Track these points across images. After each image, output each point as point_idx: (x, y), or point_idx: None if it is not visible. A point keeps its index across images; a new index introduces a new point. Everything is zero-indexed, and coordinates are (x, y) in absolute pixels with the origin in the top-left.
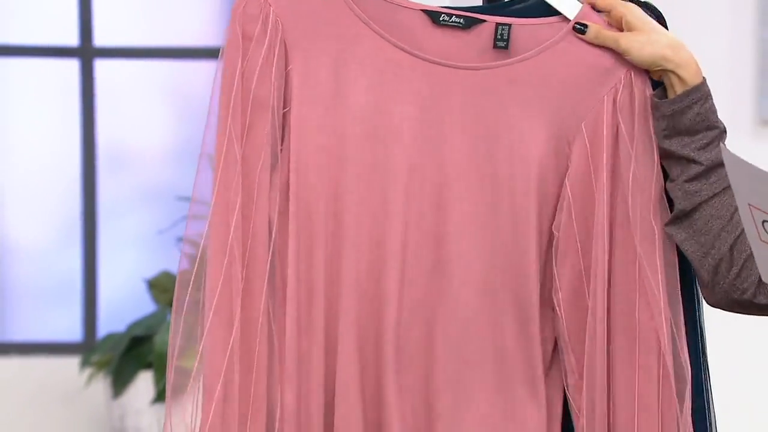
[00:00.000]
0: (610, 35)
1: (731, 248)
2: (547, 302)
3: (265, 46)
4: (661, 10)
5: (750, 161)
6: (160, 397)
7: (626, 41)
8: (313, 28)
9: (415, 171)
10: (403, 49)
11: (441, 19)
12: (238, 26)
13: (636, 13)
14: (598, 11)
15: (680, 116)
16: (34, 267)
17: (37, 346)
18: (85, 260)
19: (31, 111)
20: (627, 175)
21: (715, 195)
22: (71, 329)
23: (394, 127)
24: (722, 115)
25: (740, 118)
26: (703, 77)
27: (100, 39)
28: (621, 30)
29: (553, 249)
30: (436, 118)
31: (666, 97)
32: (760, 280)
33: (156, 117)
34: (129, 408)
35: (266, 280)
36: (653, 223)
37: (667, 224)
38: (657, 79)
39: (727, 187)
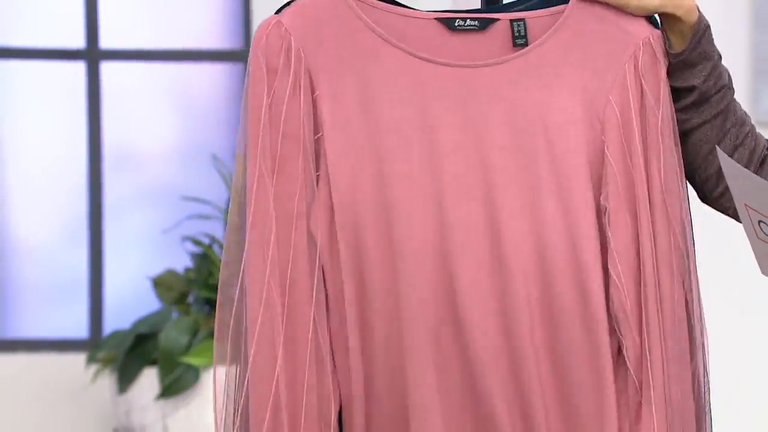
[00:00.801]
0: None
1: (717, 171)
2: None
3: (290, 78)
4: (656, 16)
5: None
6: (164, 393)
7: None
8: (335, 50)
9: (459, 173)
10: (423, 59)
11: (456, 24)
12: (261, 59)
13: None
14: None
15: (684, 60)
16: (40, 265)
17: (44, 343)
18: (91, 259)
19: (38, 112)
20: (657, 138)
21: (705, 122)
22: (77, 326)
23: (430, 135)
24: None
25: None
26: (698, 12)
27: (106, 41)
28: None
29: (606, 221)
30: (469, 120)
31: (668, 41)
32: None
33: (161, 118)
34: (134, 404)
35: (312, 304)
36: (679, 185)
37: None
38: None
39: (717, 114)
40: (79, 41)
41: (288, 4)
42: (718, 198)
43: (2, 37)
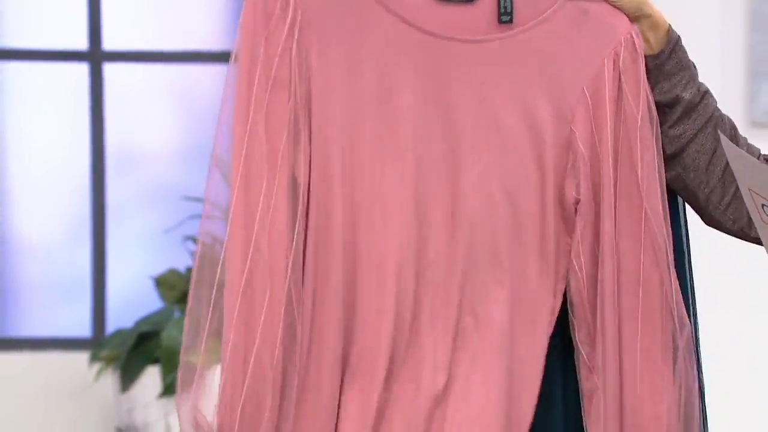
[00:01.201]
0: None
1: (720, 179)
2: (563, 266)
3: (286, 25)
4: None
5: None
6: (167, 391)
7: None
8: (328, 6)
9: (424, 140)
10: (412, 25)
11: None
12: (258, 2)
13: None
14: None
15: (662, 67)
16: (44, 265)
17: (48, 342)
18: (94, 258)
19: (42, 113)
20: (634, 134)
21: (698, 131)
22: (80, 325)
23: (403, 104)
24: None
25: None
26: (668, 23)
27: (108, 43)
28: None
29: (577, 212)
30: (443, 93)
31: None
32: (749, 215)
33: (163, 119)
34: (137, 402)
35: (291, 254)
36: (658, 179)
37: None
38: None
39: (708, 121)
40: (82, 43)
41: None
42: (725, 209)
43: (6, 39)
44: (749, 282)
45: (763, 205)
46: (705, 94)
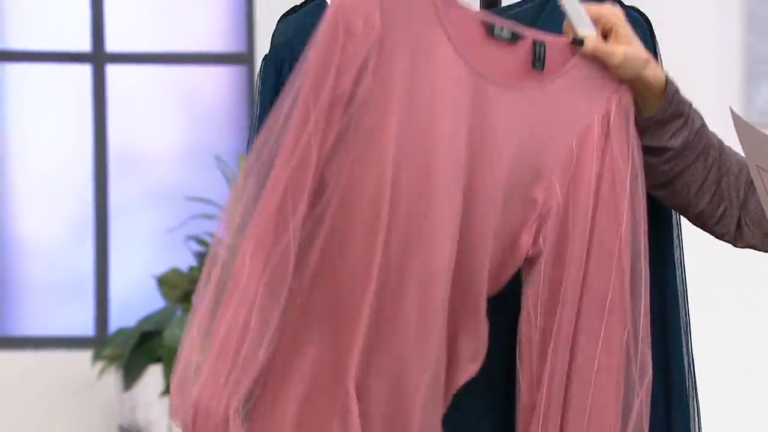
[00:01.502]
0: (606, 49)
1: (709, 203)
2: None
3: (367, 47)
4: (649, 17)
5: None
6: (169, 389)
7: (623, 54)
8: (399, 26)
9: (452, 175)
10: (465, 60)
11: (495, 32)
12: (341, 18)
13: (626, 23)
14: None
15: (654, 120)
16: (48, 264)
17: (51, 341)
18: (97, 258)
19: (45, 114)
20: (621, 190)
21: (688, 165)
22: (84, 324)
23: (444, 140)
24: (711, 118)
25: (728, 121)
26: (665, 76)
27: (111, 45)
28: (604, 37)
29: (537, 263)
30: (480, 134)
31: (636, 105)
32: (737, 227)
33: (165, 120)
34: (139, 400)
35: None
36: (642, 239)
37: (648, 188)
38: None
39: (699, 155)
40: (85, 44)
41: (293, 9)
42: (716, 224)
43: (10, 41)
44: (743, 284)
45: None
46: (698, 130)
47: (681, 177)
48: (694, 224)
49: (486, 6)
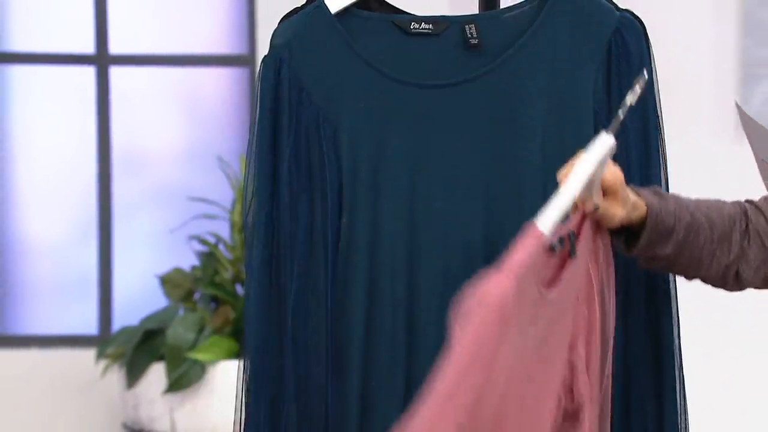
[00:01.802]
0: (609, 214)
1: (707, 269)
2: None
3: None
4: (644, 20)
5: (732, 165)
6: (171, 387)
7: (619, 220)
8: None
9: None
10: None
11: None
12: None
13: (624, 186)
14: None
15: (639, 248)
16: (52, 264)
17: (55, 339)
18: (100, 257)
19: (49, 116)
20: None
21: (682, 252)
22: (87, 323)
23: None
24: (706, 121)
25: (723, 124)
26: (647, 205)
27: (115, 47)
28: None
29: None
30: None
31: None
32: (735, 278)
33: (168, 121)
34: (142, 398)
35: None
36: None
37: (644, 268)
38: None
39: (693, 240)
40: (88, 46)
41: (293, 11)
42: (716, 281)
43: (14, 42)
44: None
45: None
46: (687, 225)
47: (677, 262)
48: (718, 286)
49: (485, 7)
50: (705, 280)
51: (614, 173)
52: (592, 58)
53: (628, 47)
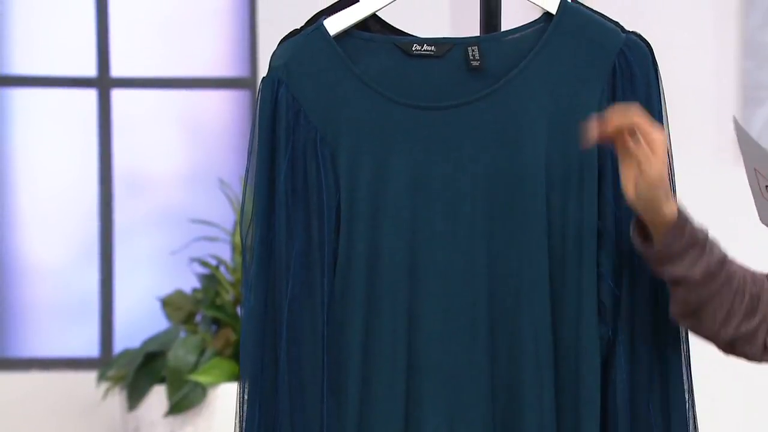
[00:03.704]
0: (650, 156)
1: (736, 330)
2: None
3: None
4: (649, 41)
5: (733, 187)
6: (172, 409)
7: (658, 170)
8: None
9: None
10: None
11: (413, 49)
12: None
13: (664, 143)
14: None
15: (667, 251)
16: (53, 286)
17: (57, 362)
18: (101, 280)
19: (51, 138)
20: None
21: (713, 295)
22: (89, 345)
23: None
24: (708, 142)
25: (724, 145)
26: (677, 210)
27: (116, 70)
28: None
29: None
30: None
31: (643, 229)
32: (764, 346)
33: (169, 143)
34: (143, 420)
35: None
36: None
37: (672, 315)
38: (632, 203)
39: (725, 283)
40: (90, 69)
41: (292, 33)
42: (744, 346)
43: (16, 66)
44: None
45: (766, 186)
46: (721, 259)
47: (707, 307)
48: (724, 351)
49: (486, 29)
50: (735, 345)
51: (659, 134)
52: (596, 79)
53: (633, 69)
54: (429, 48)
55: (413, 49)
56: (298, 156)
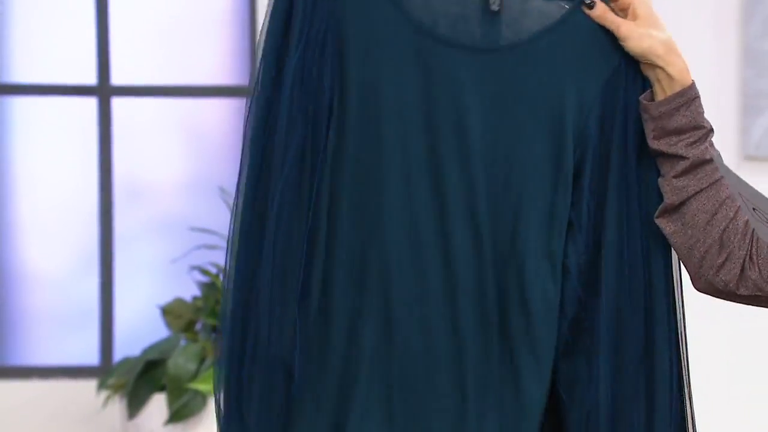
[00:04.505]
0: (613, 18)
1: (716, 240)
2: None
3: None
4: None
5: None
6: (173, 418)
7: (627, 28)
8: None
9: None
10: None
11: None
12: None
13: (645, 2)
14: None
15: (668, 118)
16: (53, 294)
17: (57, 370)
18: (101, 288)
19: (51, 147)
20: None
21: (701, 190)
22: (88, 353)
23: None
24: None
25: (724, 154)
26: (692, 80)
27: (117, 78)
28: (625, 17)
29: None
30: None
31: (653, 96)
32: (741, 273)
33: (170, 152)
34: (143, 428)
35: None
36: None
37: (656, 216)
38: (645, 72)
39: (713, 183)
40: (90, 78)
41: None
42: (718, 271)
43: (16, 74)
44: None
45: (753, 208)
46: (714, 159)
47: (692, 201)
48: (695, 278)
49: None
50: (707, 268)
51: None
52: (606, 68)
53: (635, 69)
54: None
55: None
56: (310, 49)
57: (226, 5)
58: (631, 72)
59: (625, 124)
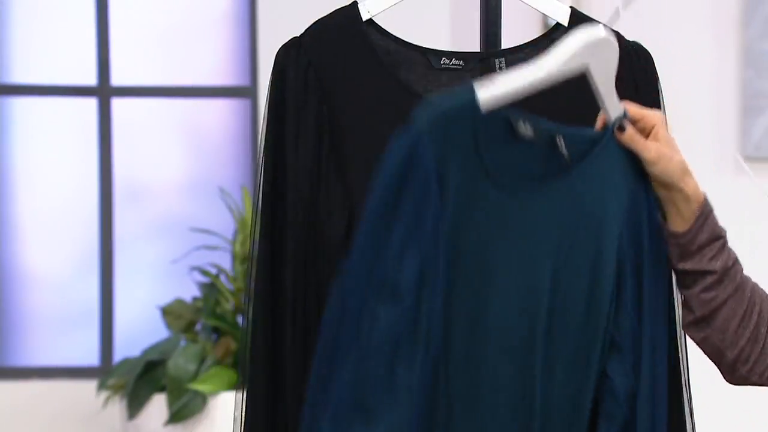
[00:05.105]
0: (643, 141)
1: (748, 339)
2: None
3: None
4: (649, 50)
5: (733, 197)
6: (173, 418)
7: (657, 152)
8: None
9: None
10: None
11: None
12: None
13: (665, 126)
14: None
15: (693, 241)
16: (53, 295)
17: (57, 371)
18: (102, 289)
19: (51, 147)
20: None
21: (729, 297)
22: (89, 354)
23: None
24: (707, 152)
25: (724, 155)
26: (704, 194)
27: (117, 78)
28: (645, 138)
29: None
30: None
31: (664, 215)
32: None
33: (170, 152)
34: (143, 429)
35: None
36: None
37: (685, 326)
38: (657, 191)
39: (738, 287)
40: (91, 78)
41: (294, 40)
42: (753, 366)
43: (16, 75)
44: None
45: None
46: (735, 261)
47: (721, 310)
48: (729, 375)
49: (486, 46)
50: (739, 366)
51: (652, 111)
52: (626, 189)
53: (647, 188)
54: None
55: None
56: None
57: (226, 5)
58: (642, 191)
59: (645, 244)
